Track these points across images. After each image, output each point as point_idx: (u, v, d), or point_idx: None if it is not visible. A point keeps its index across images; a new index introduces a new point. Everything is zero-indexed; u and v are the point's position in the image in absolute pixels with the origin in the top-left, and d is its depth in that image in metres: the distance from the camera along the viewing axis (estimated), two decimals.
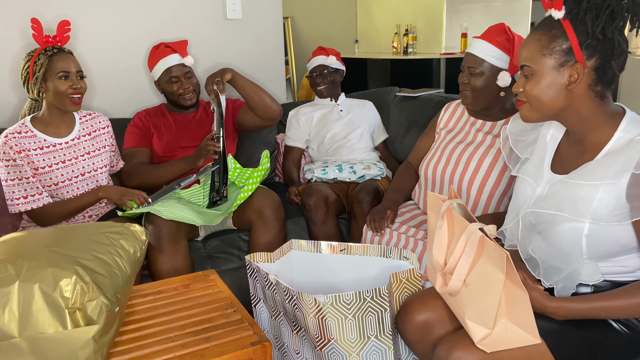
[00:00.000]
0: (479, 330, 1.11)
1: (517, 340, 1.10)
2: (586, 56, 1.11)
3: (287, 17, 5.26)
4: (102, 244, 1.22)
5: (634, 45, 4.70)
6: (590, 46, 1.11)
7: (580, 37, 1.11)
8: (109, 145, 2.12)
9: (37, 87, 1.86)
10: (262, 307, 1.60)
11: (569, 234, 1.15)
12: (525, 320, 1.09)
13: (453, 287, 1.18)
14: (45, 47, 1.87)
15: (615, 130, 1.14)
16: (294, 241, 1.65)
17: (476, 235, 1.11)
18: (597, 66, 1.12)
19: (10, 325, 1.03)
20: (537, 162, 1.28)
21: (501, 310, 1.10)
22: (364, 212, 2.12)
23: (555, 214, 1.16)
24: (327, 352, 1.35)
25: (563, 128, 1.28)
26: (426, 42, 5.36)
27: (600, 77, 1.13)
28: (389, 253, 1.59)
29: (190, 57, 2.29)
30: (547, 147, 1.28)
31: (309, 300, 1.30)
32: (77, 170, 1.96)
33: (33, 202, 1.86)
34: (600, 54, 1.11)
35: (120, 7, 2.46)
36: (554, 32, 1.13)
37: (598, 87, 1.14)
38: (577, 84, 1.13)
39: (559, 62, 1.13)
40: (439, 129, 2.03)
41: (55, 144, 1.93)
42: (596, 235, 1.13)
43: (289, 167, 2.60)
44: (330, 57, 2.60)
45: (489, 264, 1.10)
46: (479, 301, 1.12)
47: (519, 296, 1.07)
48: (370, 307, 1.33)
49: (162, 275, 1.89)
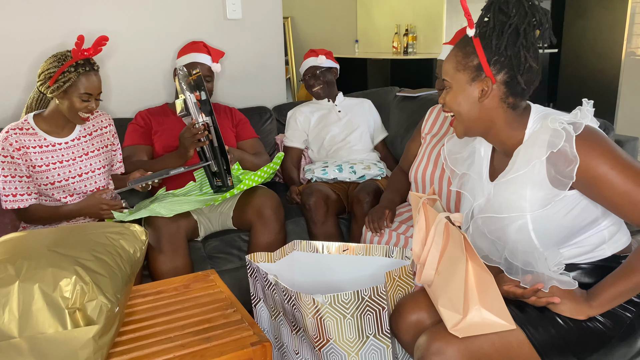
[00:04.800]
0: (451, 316, 1.14)
1: (491, 325, 1.12)
2: (495, 71, 1.18)
3: (287, 17, 5.27)
4: (102, 244, 1.22)
5: (634, 45, 4.70)
6: (498, 62, 1.18)
7: (488, 54, 1.18)
8: (110, 144, 2.11)
9: (53, 93, 1.84)
10: (262, 307, 1.60)
11: (518, 231, 1.20)
12: (497, 306, 1.11)
13: (426, 277, 1.23)
14: (77, 61, 1.82)
15: (525, 129, 1.22)
16: (296, 242, 1.66)
17: (442, 223, 1.17)
18: (506, 80, 1.19)
19: (10, 325, 1.03)
20: (475, 175, 1.35)
21: (473, 296, 1.12)
22: (364, 212, 2.12)
23: (498, 217, 1.23)
24: (326, 352, 1.35)
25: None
26: (426, 42, 5.36)
27: (510, 90, 1.19)
28: (391, 253, 1.59)
29: (219, 66, 2.36)
30: (482, 160, 1.36)
31: (307, 300, 1.30)
32: (74, 170, 1.96)
33: (21, 201, 1.87)
34: (507, 69, 1.18)
35: (121, 8, 2.46)
36: (467, 49, 1.21)
37: (510, 99, 1.20)
38: (487, 97, 1.20)
39: (470, 77, 1.20)
40: (424, 133, 2.05)
41: (55, 143, 1.94)
42: (541, 225, 1.18)
43: (288, 167, 2.60)
44: (320, 57, 2.59)
45: (454, 249, 1.15)
46: (449, 287, 1.16)
47: (486, 279, 1.10)
48: (369, 305, 1.34)
49: (162, 275, 1.89)
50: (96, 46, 1.87)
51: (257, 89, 2.91)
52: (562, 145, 1.11)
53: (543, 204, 1.17)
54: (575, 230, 1.21)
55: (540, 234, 1.19)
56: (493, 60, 1.18)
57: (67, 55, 1.84)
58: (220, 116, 2.41)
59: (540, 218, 1.18)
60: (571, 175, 1.11)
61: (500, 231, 1.24)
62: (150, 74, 2.58)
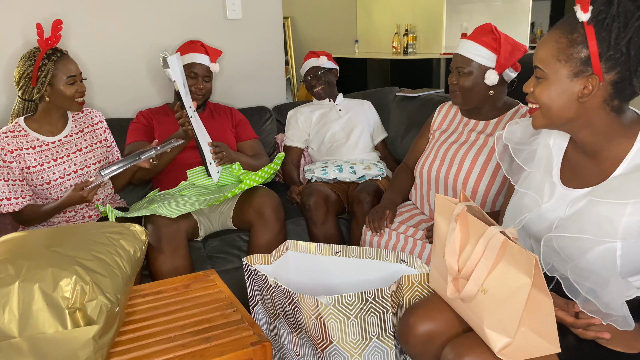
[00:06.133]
0: (499, 339, 1.05)
1: (537, 349, 1.03)
2: (605, 69, 1.01)
3: (287, 17, 5.26)
4: (102, 244, 1.22)
5: None
6: (611, 58, 1.00)
7: (602, 48, 1.00)
8: (103, 140, 2.12)
9: (40, 91, 1.86)
10: (260, 309, 1.59)
11: (602, 256, 1.05)
12: (546, 328, 1.01)
13: (468, 293, 1.09)
14: (46, 51, 1.87)
15: (635, 140, 1.06)
16: (290, 242, 1.65)
17: (498, 238, 1.04)
18: (615, 81, 1.02)
19: (10, 325, 1.03)
20: (542, 173, 1.18)
21: (521, 318, 1.03)
22: (364, 212, 2.12)
23: (582, 237, 1.06)
24: (329, 353, 1.35)
25: (567, 135, 1.19)
26: (426, 42, 5.36)
27: (617, 92, 1.03)
28: (386, 256, 1.57)
29: (217, 66, 2.36)
30: (552, 156, 1.18)
31: (311, 302, 1.30)
32: (69, 167, 1.97)
33: (15, 204, 1.87)
34: (620, 68, 1.00)
35: (121, 8, 2.46)
36: (575, 36, 1.03)
37: (615, 101, 1.04)
38: (590, 97, 1.04)
39: (573, 71, 1.04)
40: (432, 130, 2.04)
41: (48, 142, 1.94)
42: (630, 253, 1.04)
43: (288, 167, 2.61)
44: (322, 58, 2.62)
45: (512, 268, 1.03)
46: (499, 308, 1.05)
47: (542, 302, 1.00)
48: (372, 307, 1.33)
49: (162, 275, 1.89)
50: (55, 32, 1.91)
51: (257, 89, 2.91)
52: None
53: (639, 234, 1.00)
54: None
55: (626, 261, 1.04)
56: (607, 56, 0.99)
57: (34, 52, 1.88)
58: (220, 117, 2.41)
59: (632, 245, 1.03)
60: None
61: (576, 250, 1.08)
62: (151, 74, 2.58)
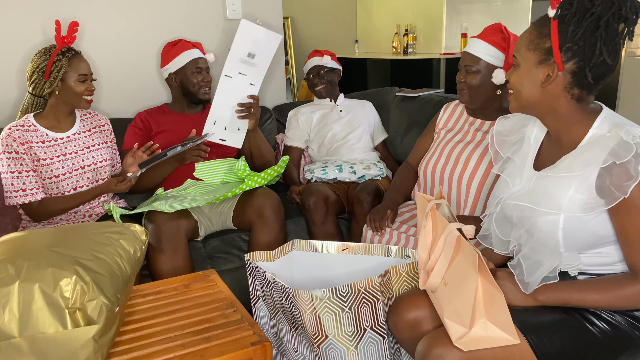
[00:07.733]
0: (456, 329, 1.12)
1: (496, 340, 1.10)
2: (564, 58, 1.13)
3: (287, 17, 5.27)
4: (102, 244, 1.23)
5: (634, 45, 4.70)
6: (570, 49, 1.12)
7: (562, 39, 1.12)
8: (110, 141, 2.17)
9: (52, 85, 1.91)
10: (261, 306, 1.60)
11: (546, 227, 1.18)
12: (503, 320, 1.10)
13: (432, 284, 1.23)
14: (62, 48, 1.92)
15: (590, 128, 1.17)
16: (296, 241, 1.66)
17: (453, 234, 1.15)
18: (573, 70, 1.14)
19: (10, 325, 1.03)
20: (519, 161, 1.32)
21: (479, 310, 1.11)
22: (364, 212, 2.12)
23: (532, 208, 1.20)
24: (325, 348, 1.36)
25: (545, 128, 1.31)
26: (426, 42, 5.36)
27: (576, 81, 1.14)
28: (390, 252, 1.60)
29: (212, 55, 2.37)
30: (530, 147, 1.32)
31: (306, 296, 1.30)
32: (77, 163, 2.00)
33: (31, 195, 1.89)
34: (578, 59, 1.12)
35: (121, 8, 2.46)
36: (543, 30, 1.16)
37: (575, 90, 1.16)
38: (551, 83, 1.16)
39: (539, 59, 1.16)
40: (438, 128, 2.04)
41: (57, 138, 1.99)
42: (571, 228, 1.15)
43: (289, 167, 2.60)
44: (325, 57, 2.62)
45: (464, 263, 1.14)
46: (456, 300, 1.15)
47: (495, 296, 1.09)
48: (365, 298, 1.35)
49: (162, 275, 1.89)
50: (70, 33, 1.98)
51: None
52: (627, 159, 1.06)
53: (582, 209, 1.13)
54: (603, 241, 1.17)
55: (568, 235, 1.16)
56: (565, 47, 1.12)
57: (50, 48, 1.93)
58: None
59: (574, 220, 1.15)
60: (625, 191, 1.06)
61: (528, 221, 1.22)
62: (150, 74, 2.58)
